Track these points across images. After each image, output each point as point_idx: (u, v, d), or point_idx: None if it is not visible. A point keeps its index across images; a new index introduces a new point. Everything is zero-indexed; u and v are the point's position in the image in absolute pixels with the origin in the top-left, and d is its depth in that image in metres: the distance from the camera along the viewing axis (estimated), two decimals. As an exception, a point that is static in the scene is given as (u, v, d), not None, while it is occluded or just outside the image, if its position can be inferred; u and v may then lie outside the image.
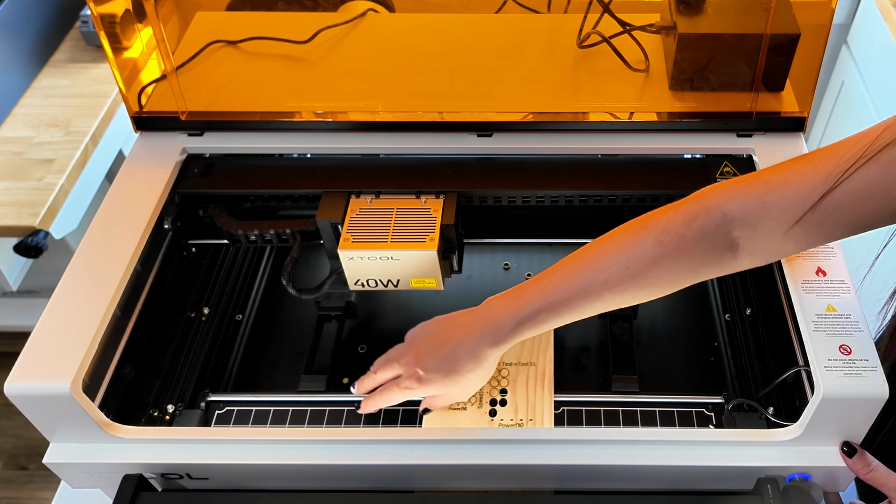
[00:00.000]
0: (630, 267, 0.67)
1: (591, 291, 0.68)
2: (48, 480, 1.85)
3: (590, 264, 0.69)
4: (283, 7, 1.04)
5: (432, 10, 1.09)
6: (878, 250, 0.81)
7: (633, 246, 0.67)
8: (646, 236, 0.67)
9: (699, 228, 0.66)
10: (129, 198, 0.85)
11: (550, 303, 0.69)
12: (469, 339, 0.71)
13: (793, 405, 0.78)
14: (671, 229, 0.66)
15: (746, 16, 0.89)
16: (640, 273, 0.67)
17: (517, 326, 0.70)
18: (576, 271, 0.69)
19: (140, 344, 0.83)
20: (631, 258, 0.67)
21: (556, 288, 0.69)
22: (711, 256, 0.67)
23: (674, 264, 0.67)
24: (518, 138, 0.90)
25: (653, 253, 0.66)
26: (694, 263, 0.67)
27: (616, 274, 0.67)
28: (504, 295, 0.72)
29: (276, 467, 0.73)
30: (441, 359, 0.72)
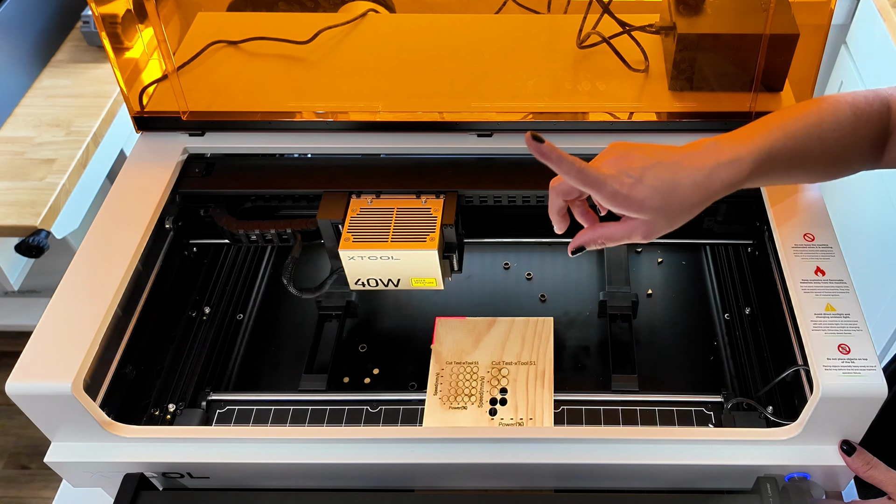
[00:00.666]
0: (837, 130, 0.69)
1: (806, 145, 0.68)
2: (49, 480, 1.85)
3: (804, 122, 0.69)
4: (284, 7, 1.05)
5: (432, 10, 1.09)
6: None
7: (836, 112, 0.70)
8: (843, 108, 0.70)
9: (878, 111, 0.71)
10: (130, 197, 0.86)
11: (779, 148, 0.67)
12: (700, 168, 0.64)
13: (792, 404, 0.78)
14: (861, 106, 0.71)
15: (746, 16, 0.90)
16: (842, 140, 0.70)
17: (753, 167, 0.65)
18: (793, 123, 0.69)
19: (141, 343, 0.84)
20: (839, 123, 0.70)
21: (782, 135, 0.67)
22: (878, 143, 0.72)
23: (862, 138, 0.71)
24: (518, 138, 0.91)
25: (851, 123, 0.70)
26: (871, 141, 0.71)
27: (827, 132, 0.69)
28: (721, 137, 0.67)
29: (277, 466, 0.73)
30: (661, 169, 0.63)
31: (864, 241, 1.57)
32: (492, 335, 0.88)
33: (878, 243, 1.52)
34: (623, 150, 0.65)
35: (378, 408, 0.84)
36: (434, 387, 0.84)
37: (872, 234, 1.54)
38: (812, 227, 0.79)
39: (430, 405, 0.83)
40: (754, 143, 0.66)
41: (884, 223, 1.48)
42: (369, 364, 0.90)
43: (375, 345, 0.92)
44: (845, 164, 0.72)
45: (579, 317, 0.93)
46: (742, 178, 0.65)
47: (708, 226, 0.92)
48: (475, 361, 0.86)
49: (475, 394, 0.83)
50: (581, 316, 0.93)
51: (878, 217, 1.51)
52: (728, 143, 0.66)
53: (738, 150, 0.66)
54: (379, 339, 0.93)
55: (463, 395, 0.83)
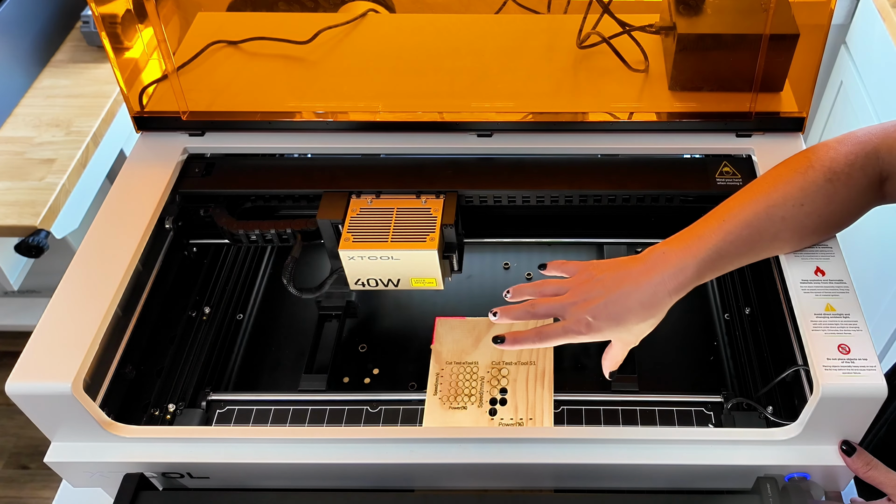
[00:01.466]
0: (805, 205, 0.68)
1: (768, 230, 0.68)
2: (49, 480, 1.85)
3: (765, 203, 0.68)
4: (284, 8, 1.05)
5: (432, 10, 1.09)
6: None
7: (805, 183, 0.68)
8: (815, 175, 0.68)
9: (861, 168, 0.69)
10: (130, 197, 0.86)
11: (733, 244, 0.67)
12: (644, 288, 0.67)
13: (792, 404, 0.78)
14: (838, 169, 0.68)
15: (746, 16, 0.90)
16: (815, 211, 0.68)
17: (701, 271, 0.67)
18: (752, 211, 0.68)
19: (141, 343, 0.84)
20: (805, 195, 0.67)
21: (736, 227, 0.67)
22: (870, 193, 0.70)
23: (843, 202, 0.68)
24: (518, 138, 0.91)
25: (825, 190, 0.68)
26: (858, 200, 0.70)
27: (793, 211, 0.68)
28: (671, 241, 0.69)
29: (277, 466, 0.73)
30: (611, 304, 0.67)
31: (864, 241, 1.57)
32: (491, 335, 0.88)
33: (878, 243, 1.52)
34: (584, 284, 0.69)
35: (378, 408, 0.84)
36: (434, 387, 0.84)
37: (872, 234, 1.54)
38: (812, 227, 0.79)
39: (429, 405, 0.83)
40: (702, 243, 0.68)
41: (884, 223, 1.48)
42: (369, 364, 0.90)
43: (375, 345, 0.92)
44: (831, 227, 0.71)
45: (579, 317, 0.93)
46: (687, 282, 0.67)
47: (708, 226, 0.92)
48: (475, 361, 0.86)
49: (475, 394, 0.83)
50: (581, 316, 0.93)
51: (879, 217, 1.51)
52: (676, 248, 0.68)
53: (684, 258, 0.67)
54: (379, 339, 0.93)
55: (463, 395, 0.83)
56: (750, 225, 0.68)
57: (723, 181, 0.86)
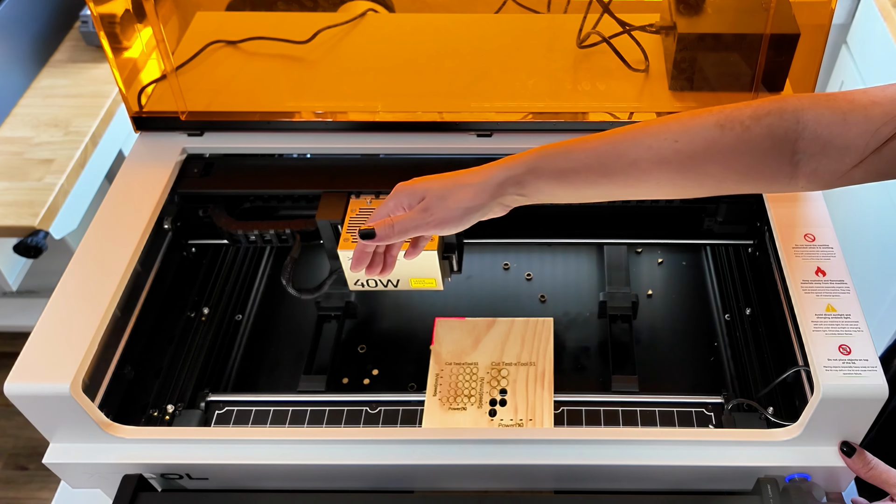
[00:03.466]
0: (680, 141, 0.60)
1: (628, 151, 0.61)
2: (48, 480, 1.84)
3: (638, 129, 0.62)
4: (283, 7, 1.05)
5: (432, 10, 1.09)
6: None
7: (691, 122, 0.61)
8: (708, 117, 0.61)
9: (767, 126, 0.60)
10: (128, 198, 0.85)
11: (583, 148, 0.62)
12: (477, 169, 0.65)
13: (792, 405, 0.78)
14: (737, 118, 0.60)
15: (746, 16, 0.89)
16: (688, 152, 0.60)
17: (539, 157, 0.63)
18: (622, 130, 0.63)
19: (140, 344, 0.84)
20: (685, 132, 0.60)
21: (595, 138, 0.62)
22: (769, 163, 0.61)
23: (727, 157, 0.60)
24: (518, 138, 0.91)
25: (710, 135, 0.60)
26: (749, 163, 0.61)
27: (662, 143, 0.61)
28: None
29: (276, 467, 0.73)
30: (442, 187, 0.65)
31: (864, 242, 1.57)
32: (491, 336, 0.88)
33: (878, 243, 1.52)
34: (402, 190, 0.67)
35: (377, 409, 0.84)
36: (433, 387, 0.84)
37: (873, 235, 1.54)
38: (812, 227, 0.79)
39: (429, 406, 0.82)
40: (552, 144, 0.63)
41: (884, 223, 1.48)
42: (368, 365, 0.90)
43: (375, 345, 0.92)
44: (701, 180, 0.62)
45: (579, 317, 0.93)
46: (518, 172, 0.63)
47: (708, 226, 0.92)
48: (475, 362, 0.86)
49: (475, 395, 0.83)
50: (581, 316, 0.93)
51: (879, 217, 1.51)
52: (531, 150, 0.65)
53: (526, 154, 0.64)
54: (378, 340, 0.93)
55: (462, 396, 0.83)
56: (611, 141, 0.62)
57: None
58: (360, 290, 0.86)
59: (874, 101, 0.59)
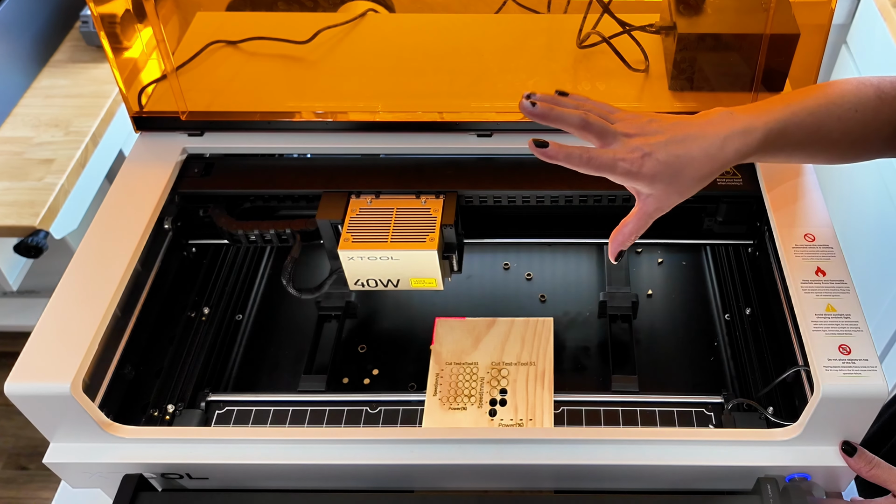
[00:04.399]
0: (859, 111, 0.70)
1: (825, 124, 0.69)
2: (48, 480, 1.85)
3: (825, 100, 0.70)
4: (284, 7, 1.05)
5: (432, 10, 1.09)
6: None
7: (859, 93, 0.70)
8: (866, 89, 0.71)
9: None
10: (129, 198, 0.86)
11: (795, 122, 0.68)
12: (711, 137, 0.64)
13: (792, 405, 0.78)
14: (886, 90, 0.71)
15: (746, 16, 0.90)
16: (864, 120, 0.70)
17: (766, 137, 0.66)
18: (813, 102, 0.69)
19: (140, 344, 0.84)
20: (860, 102, 0.70)
21: (801, 111, 0.68)
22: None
23: (884, 124, 0.71)
24: (518, 138, 0.91)
25: (875, 105, 0.70)
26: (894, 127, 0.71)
27: (848, 114, 0.70)
28: (734, 108, 0.67)
29: (276, 467, 0.73)
30: (672, 145, 0.63)
31: (864, 241, 1.57)
32: (491, 336, 0.88)
33: (878, 243, 1.52)
34: (638, 120, 0.65)
35: (377, 408, 0.84)
36: (434, 387, 0.84)
37: (873, 234, 1.54)
38: (812, 227, 0.79)
39: (429, 406, 0.82)
40: (770, 114, 0.67)
41: (884, 223, 1.48)
42: (369, 364, 0.90)
43: (375, 345, 0.92)
44: (865, 146, 0.72)
45: (579, 317, 0.93)
46: (752, 148, 0.65)
47: (708, 226, 0.92)
48: (475, 362, 0.86)
49: (475, 394, 0.83)
50: (581, 316, 0.93)
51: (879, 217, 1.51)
52: (743, 112, 0.67)
53: (752, 121, 0.66)
54: (378, 340, 0.93)
55: (462, 396, 0.83)
56: (813, 113, 0.69)
57: (723, 181, 0.86)
58: (361, 289, 0.86)
59: None
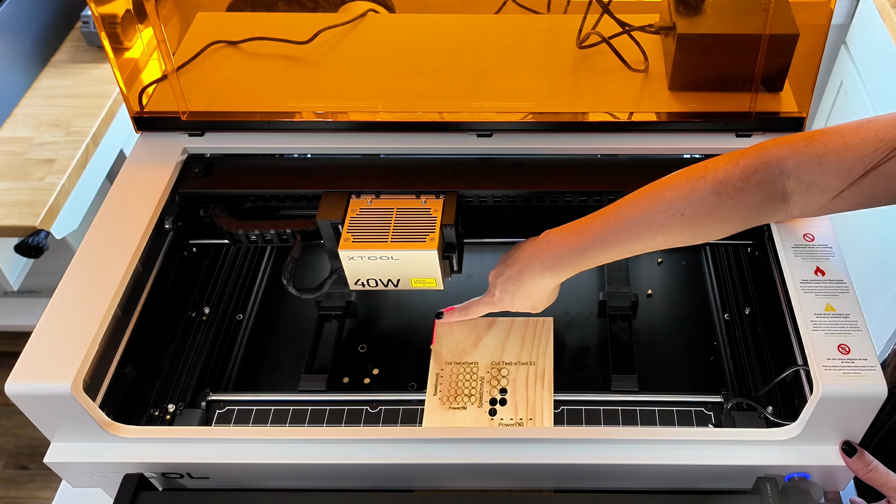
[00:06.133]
0: (686, 215, 0.70)
1: (645, 234, 0.72)
2: (49, 480, 1.85)
3: (648, 207, 0.72)
4: (284, 7, 1.05)
5: (432, 10, 1.09)
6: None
7: (691, 194, 0.70)
8: (704, 186, 0.70)
9: (757, 183, 0.69)
10: (129, 198, 0.86)
11: (606, 241, 0.73)
12: (530, 268, 0.77)
13: (792, 404, 0.78)
14: (730, 182, 0.69)
15: (745, 16, 0.90)
16: (695, 221, 0.70)
17: (574, 261, 0.75)
18: (633, 213, 0.72)
19: (141, 343, 0.84)
20: (688, 206, 0.70)
21: (615, 227, 0.73)
22: (765, 207, 0.71)
23: (728, 214, 0.70)
24: (518, 138, 0.91)
25: (710, 203, 0.70)
26: (747, 214, 0.71)
27: (672, 220, 0.70)
28: (562, 229, 0.77)
29: (277, 467, 0.73)
30: (508, 281, 0.80)
31: (864, 242, 1.57)
32: (491, 335, 0.88)
33: (878, 243, 1.52)
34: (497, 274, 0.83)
35: (378, 408, 0.84)
36: (434, 387, 0.84)
37: (872, 234, 1.54)
38: (812, 227, 0.79)
39: (429, 405, 0.83)
40: (580, 238, 0.74)
41: (884, 223, 1.48)
42: (369, 364, 0.90)
43: (375, 345, 0.92)
44: (712, 234, 0.72)
45: (579, 317, 0.93)
46: (563, 270, 0.76)
47: (708, 226, 0.92)
48: (475, 362, 0.86)
49: (475, 394, 0.83)
50: (581, 316, 0.93)
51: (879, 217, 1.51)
52: (558, 238, 0.76)
53: (560, 249, 0.75)
54: (379, 340, 0.93)
55: (463, 396, 0.83)
56: (628, 228, 0.72)
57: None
58: (361, 289, 0.86)
59: (846, 143, 0.66)
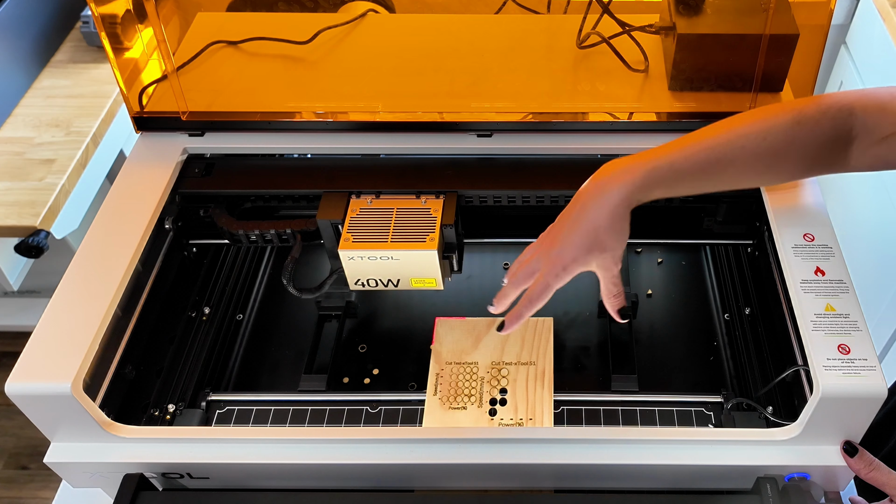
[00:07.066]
0: (768, 139, 0.69)
1: (726, 154, 0.69)
2: (49, 480, 1.85)
3: (728, 130, 0.70)
4: (284, 7, 1.05)
5: (432, 10, 1.09)
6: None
7: (772, 120, 0.70)
8: (784, 116, 0.70)
9: (832, 118, 0.69)
10: (129, 198, 0.86)
11: (686, 157, 0.69)
12: (596, 202, 0.68)
13: (792, 404, 0.78)
14: (808, 113, 0.70)
15: (745, 16, 0.90)
16: (774, 148, 0.69)
17: (649, 175, 0.68)
18: (713, 133, 0.70)
19: (141, 343, 0.84)
20: (770, 131, 0.69)
21: (693, 144, 0.69)
22: (832, 150, 0.70)
23: (803, 147, 0.70)
24: (518, 138, 0.91)
25: (790, 131, 0.69)
26: (817, 152, 0.70)
27: (753, 142, 0.69)
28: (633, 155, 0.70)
29: (277, 467, 0.73)
30: (575, 231, 0.69)
31: (864, 241, 1.57)
32: (492, 335, 0.88)
33: (878, 243, 1.52)
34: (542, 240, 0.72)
35: (378, 408, 0.84)
36: (434, 387, 0.84)
37: (872, 234, 1.54)
38: (812, 227, 0.79)
39: (429, 405, 0.83)
40: (657, 153, 0.69)
41: (884, 223, 1.48)
42: (369, 364, 0.90)
43: (375, 345, 0.92)
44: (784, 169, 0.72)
45: (579, 317, 0.93)
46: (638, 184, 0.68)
47: (708, 226, 0.92)
48: (475, 362, 0.86)
49: (475, 394, 0.83)
50: (581, 316, 0.93)
51: (878, 217, 1.51)
52: (629, 157, 0.69)
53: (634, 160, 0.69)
54: (379, 340, 0.93)
55: (463, 396, 0.83)
56: (709, 147, 0.69)
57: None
58: (361, 289, 0.86)
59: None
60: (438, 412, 0.82)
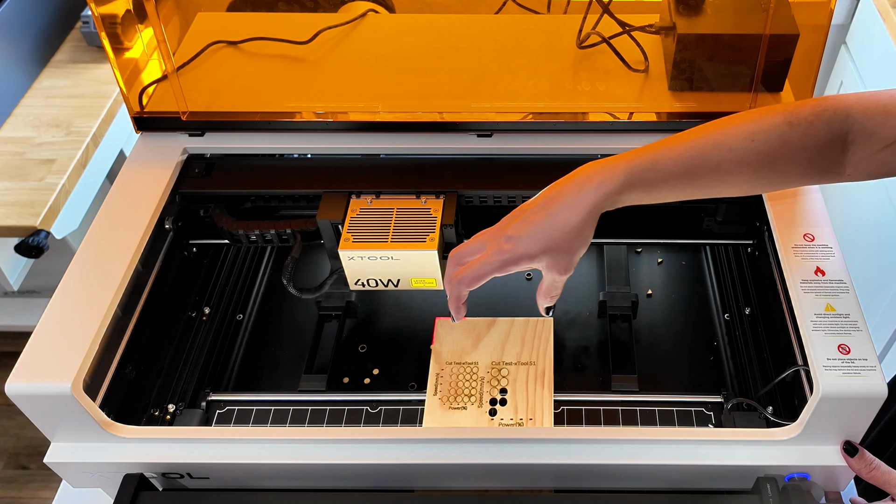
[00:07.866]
0: (756, 140, 0.65)
1: (712, 155, 0.65)
2: (49, 480, 1.85)
3: (716, 131, 0.66)
4: (284, 7, 1.05)
5: (432, 10, 1.09)
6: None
7: (762, 121, 0.66)
8: (775, 116, 0.66)
9: (827, 121, 0.66)
10: (130, 198, 0.86)
11: (669, 157, 0.65)
12: (573, 198, 0.64)
13: (792, 404, 0.78)
14: (801, 115, 0.66)
15: (745, 16, 0.90)
16: (764, 150, 0.65)
17: (629, 174, 0.64)
18: (700, 133, 0.66)
19: (141, 343, 0.84)
20: (759, 131, 0.66)
21: (678, 145, 0.66)
22: (827, 155, 0.67)
23: (796, 152, 0.66)
24: (518, 138, 0.91)
25: (781, 132, 0.66)
26: (811, 157, 0.67)
27: (741, 143, 0.65)
28: (615, 156, 0.66)
29: (277, 467, 0.73)
30: (538, 226, 0.64)
31: (864, 241, 1.57)
32: (492, 335, 0.88)
33: (878, 243, 1.52)
34: (494, 228, 0.68)
35: (378, 408, 0.84)
36: (434, 387, 0.84)
37: (872, 234, 1.54)
38: (812, 227, 0.79)
39: (429, 405, 0.83)
40: (639, 152, 0.65)
41: (884, 223, 1.48)
42: (369, 364, 0.90)
43: (375, 345, 0.92)
44: (774, 175, 0.67)
45: (579, 317, 0.93)
46: (617, 185, 0.64)
47: (708, 226, 0.92)
48: (475, 362, 0.86)
49: (475, 394, 0.83)
50: (581, 316, 0.93)
51: (878, 217, 1.51)
52: (608, 159, 0.66)
53: (616, 161, 0.65)
54: (379, 340, 0.93)
55: (463, 396, 0.83)
56: (694, 147, 0.65)
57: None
58: (361, 289, 0.86)
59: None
60: (438, 412, 0.82)
